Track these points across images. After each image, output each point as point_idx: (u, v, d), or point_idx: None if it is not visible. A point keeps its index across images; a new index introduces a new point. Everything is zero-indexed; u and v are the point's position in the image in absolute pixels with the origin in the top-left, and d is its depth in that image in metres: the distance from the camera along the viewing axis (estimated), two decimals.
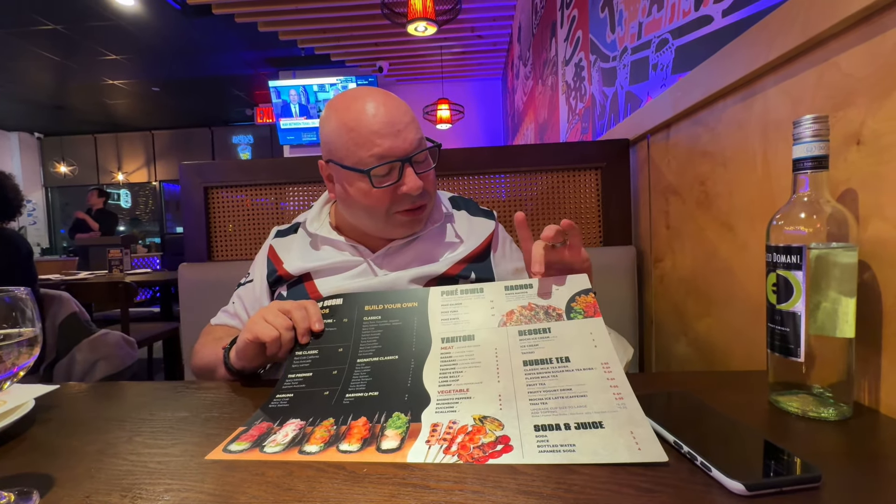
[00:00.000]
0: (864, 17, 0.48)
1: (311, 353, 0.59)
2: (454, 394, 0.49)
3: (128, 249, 3.23)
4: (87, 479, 0.39)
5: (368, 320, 0.61)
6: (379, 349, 0.57)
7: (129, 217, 8.71)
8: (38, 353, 0.38)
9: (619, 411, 0.43)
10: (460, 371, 0.52)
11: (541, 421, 0.43)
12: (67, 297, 1.78)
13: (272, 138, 7.56)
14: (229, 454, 0.42)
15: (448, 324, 0.58)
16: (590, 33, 1.75)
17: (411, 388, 0.51)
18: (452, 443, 0.42)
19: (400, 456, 0.40)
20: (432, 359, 0.54)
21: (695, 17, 0.93)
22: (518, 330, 0.55)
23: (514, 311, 0.57)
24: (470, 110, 5.54)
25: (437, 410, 0.47)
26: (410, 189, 0.69)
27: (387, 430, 0.45)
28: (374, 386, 0.53)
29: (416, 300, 0.62)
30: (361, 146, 0.68)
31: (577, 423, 0.42)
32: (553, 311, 0.56)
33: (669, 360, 1.03)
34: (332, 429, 0.46)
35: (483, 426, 0.44)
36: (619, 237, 1.14)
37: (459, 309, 0.59)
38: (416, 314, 0.60)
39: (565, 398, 0.46)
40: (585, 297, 0.57)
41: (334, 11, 3.90)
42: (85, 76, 5.89)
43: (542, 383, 0.48)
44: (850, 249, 0.44)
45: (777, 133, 0.64)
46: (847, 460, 0.38)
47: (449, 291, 0.62)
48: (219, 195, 1.20)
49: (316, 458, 0.41)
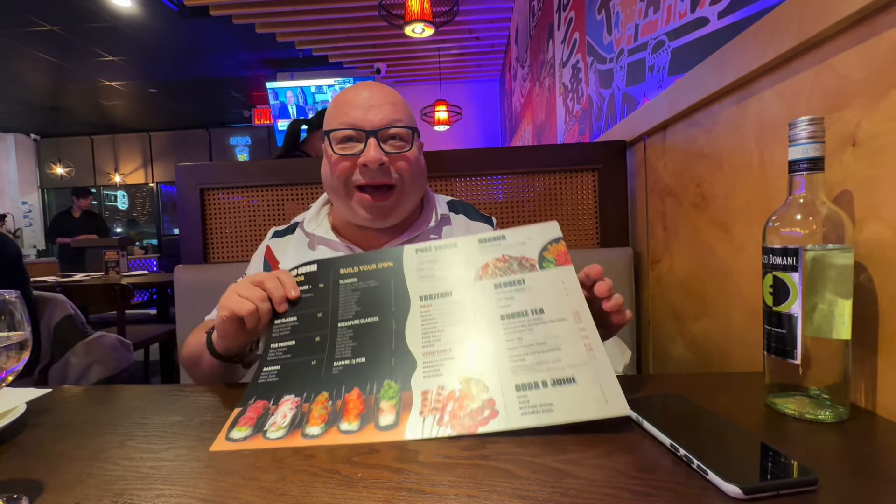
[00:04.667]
0: (859, 19, 0.48)
1: (290, 321, 0.58)
2: (438, 355, 0.51)
3: (124, 251, 3.21)
4: (77, 484, 0.38)
5: (345, 283, 0.60)
6: (359, 311, 0.57)
7: (125, 219, 8.69)
8: (29, 357, 0.38)
9: (590, 363, 0.47)
10: (441, 329, 0.53)
11: (521, 380, 0.47)
12: (62, 299, 1.77)
13: (270, 140, 7.56)
14: (233, 443, 0.44)
15: (425, 281, 0.57)
16: (586, 35, 1.75)
17: (396, 350, 0.52)
18: (444, 412, 0.45)
19: (398, 433, 0.44)
20: (413, 318, 0.55)
21: (691, 19, 0.93)
22: (494, 283, 0.55)
23: (488, 265, 0.57)
24: (468, 112, 5.55)
25: (424, 375, 0.49)
26: (367, 159, 0.69)
27: (381, 402, 0.47)
28: (359, 351, 0.53)
29: (390, 259, 0.60)
30: (336, 116, 0.73)
31: (553, 380, 0.46)
32: (526, 261, 0.56)
33: (666, 362, 1.03)
34: (328, 405, 0.48)
35: (469, 390, 0.47)
36: (616, 238, 1.14)
37: (435, 266, 0.59)
38: (392, 274, 0.59)
39: (541, 353, 0.49)
40: (556, 246, 0.57)
41: (332, 13, 3.90)
42: (81, 77, 5.87)
43: (520, 338, 0.50)
44: (846, 251, 0.44)
45: (773, 135, 0.64)
46: (844, 463, 0.38)
47: (423, 248, 0.61)
48: (215, 197, 1.20)
49: (320, 441, 0.43)
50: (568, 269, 0.55)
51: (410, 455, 0.41)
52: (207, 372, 0.67)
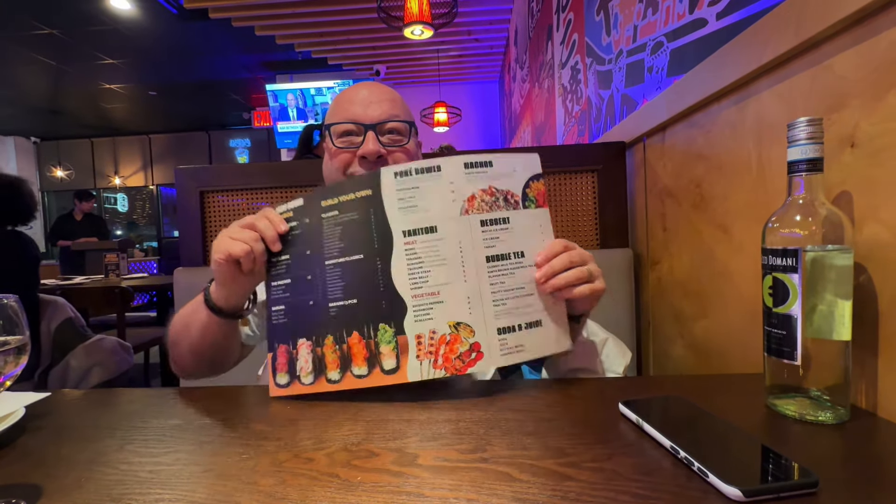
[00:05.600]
0: (858, 20, 0.48)
1: (283, 259, 0.59)
2: (426, 297, 0.53)
3: (124, 254, 3.21)
4: (76, 488, 0.38)
5: (327, 217, 0.57)
6: (342, 248, 0.56)
7: (125, 221, 8.69)
8: (28, 361, 0.38)
9: (552, 308, 0.55)
10: (428, 270, 0.54)
11: (501, 323, 0.53)
12: (63, 302, 1.77)
13: (269, 142, 7.56)
14: (283, 389, 0.56)
15: (407, 213, 0.55)
16: (585, 36, 1.75)
17: (385, 293, 0.54)
18: (437, 356, 0.52)
19: (401, 376, 0.52)
20: (397, 257, 0.54)
21: (689, 21, 0.93)
22: (480, 220, 0.55)
23: (475, 196, 0.55)
24: (467, 113, 5.55)
25: (415, 319, 0.53)
26: (366, 151, 0.70)
27: (380, 346, 0.53)
28: (350, 292, 0.55)
29: (368, 187, 0.56)
30: (336, 112, 0.75)
31: (526, 324, 0.54)
32: (511, 197, 0.56)
33: (666, 364, 1.02)
34: (336, 349, 0.54)
35: (458, 334, 0.52)
36: (616, 240, 1.14)
37: (417, 194, 0.55)
38: (371, 204, 0.56)
39: (519, 297, 0.54)
40: (537, 184, 0.57)
41: (331, 15, 3.91)
42: (82, 80, 5.88)
43: (502, 282, 0.54)
44: (845, 252, 0.44)
45: (772, 135, 0.64)
46: (844, 464, 0.38)
47: (403, 171, 0.55)
48: (214, 199, 1.20)
49: (341, 386, 0.54)
50: (545, 211, 0.57)
51: (410, 458, 0.41)
52: (198, 338, 0.65)
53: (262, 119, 6.89)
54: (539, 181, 0.57)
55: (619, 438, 0.42)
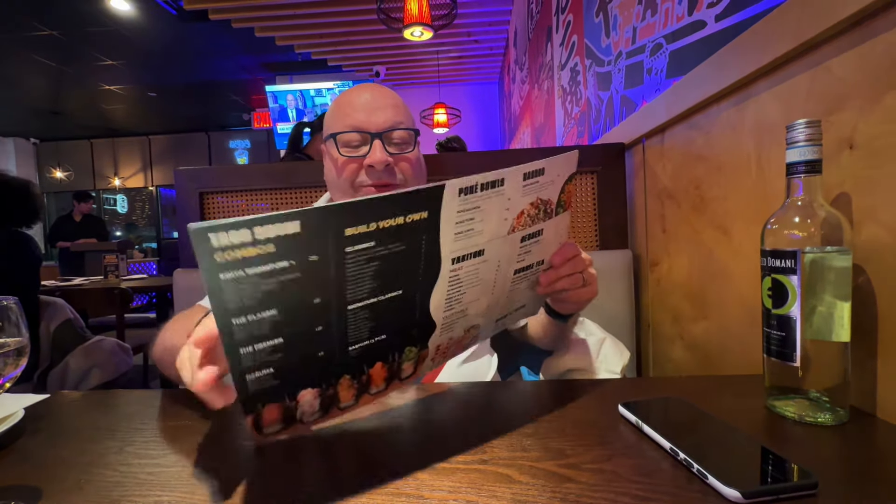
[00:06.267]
0: (856, 22, 0.48)
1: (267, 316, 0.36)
2: (455, 315, 0.51)
3: (124, 255, 3.21)
4: (75, 491, 0.38)
5: (356, 251, 0.38)
6: (374, 288, 0.40)
7: (125, 222, 8.69)
8: (26, 364, 0.38)
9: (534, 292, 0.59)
10: (463, 293, 0.49)
11: (501, 313, 0.58)
12: (62, 303, 1.77)
13: (269, 143, 7.56)
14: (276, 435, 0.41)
15: (460, 239, 0.45)
16: (585, 38, 1.75)
17: (419, 320, 0.46)
18: (448, 354, 0.55)
19: (413, 378, 0.51)
20: (440, 285, 0.45)
21: (688, 22, 0.93)
22: (521, 236, 0.51)
23: (524, 213, 0.50)
24: (467, 114, 5.55)
25: (440, 334, 0.51)
26: (374, 160, 0.70)
27: (402, 364, 0.49)
28: (378, 331, 0.43)
29: (425, 208, 0.41)
30: (339, 118, 0.74)
31: (515, 308, 0.59)
32: (549, 207, 0.53)
33: (666, 365, 1.02)
34: (353, 384, 0.44)
35: (469, 333, 0.55)
36: (615, 241, 1.14)
37: (476, 215, 0.45)
38: (426, 230, 0.42)
39: (522, 290, 0.57)
40: (570, 186, 0.55)
41: (331, 16, 3.92)
42: (81, 81, 5.88)
43: (519, 287, 0.56)
44: (844, 253, 0.44)
45: (770, 137, 0.64)
46: (844, 466, 0.38)
47: (467, 189, 0.43)
48: (214, 201, 1.20)
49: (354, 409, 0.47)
50: (568, 213, 0.56)
51: (409, 459, 0.41)
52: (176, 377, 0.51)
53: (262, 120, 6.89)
54: (571, 182, 0.55)
55: (619, 440, 0.42)
